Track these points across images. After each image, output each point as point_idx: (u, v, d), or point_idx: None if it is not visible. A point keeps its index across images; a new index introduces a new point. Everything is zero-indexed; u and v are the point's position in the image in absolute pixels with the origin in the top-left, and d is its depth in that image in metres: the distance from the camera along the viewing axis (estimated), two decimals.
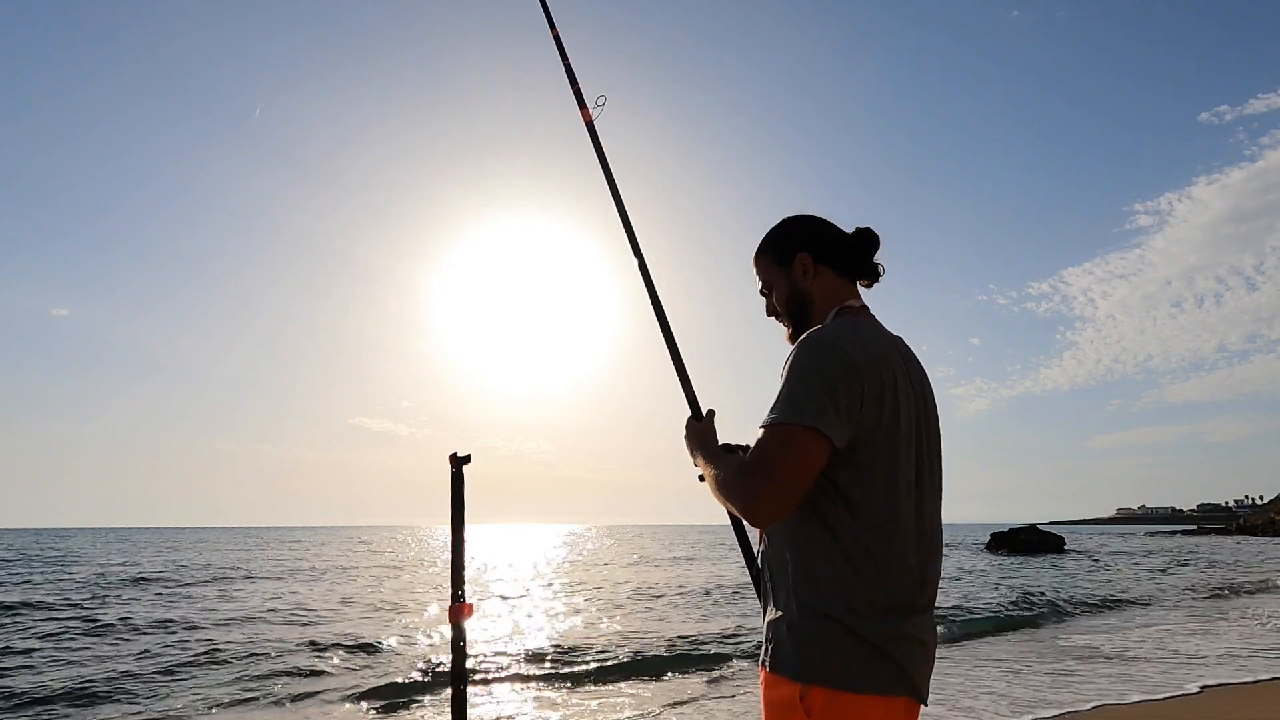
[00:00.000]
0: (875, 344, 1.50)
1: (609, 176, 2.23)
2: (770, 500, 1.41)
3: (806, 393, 1.41)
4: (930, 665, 1.49)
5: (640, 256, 2.15)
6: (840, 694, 1.38)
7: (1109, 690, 6.97)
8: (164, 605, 14.97)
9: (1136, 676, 7.66)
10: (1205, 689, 6.96)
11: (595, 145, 2.27)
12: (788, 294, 1.69)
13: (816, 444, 1.39)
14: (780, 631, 1.47)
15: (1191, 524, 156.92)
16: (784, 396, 1.44)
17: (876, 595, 1.41)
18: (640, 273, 2.14)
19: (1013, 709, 6.30)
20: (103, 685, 7.90)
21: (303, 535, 77.13)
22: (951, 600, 14.56)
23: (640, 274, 2.13)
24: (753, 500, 1.42)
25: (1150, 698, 6.68)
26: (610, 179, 2.23)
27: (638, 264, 2.15)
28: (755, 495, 1.41)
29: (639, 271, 2.14)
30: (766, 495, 1.40)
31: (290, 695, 7.57)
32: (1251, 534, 78.26)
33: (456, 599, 2.17)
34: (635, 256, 2.16)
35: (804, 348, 1.47)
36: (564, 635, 11.17)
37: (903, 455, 1.47)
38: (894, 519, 1.45)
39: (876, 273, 1.70)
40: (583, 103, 2.33)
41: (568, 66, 2.41)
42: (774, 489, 1.40)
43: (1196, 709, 6.24)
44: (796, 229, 1.70)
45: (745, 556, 1.84)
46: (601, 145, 2.26)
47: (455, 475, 2.19)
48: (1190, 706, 6.33)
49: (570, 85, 2.38)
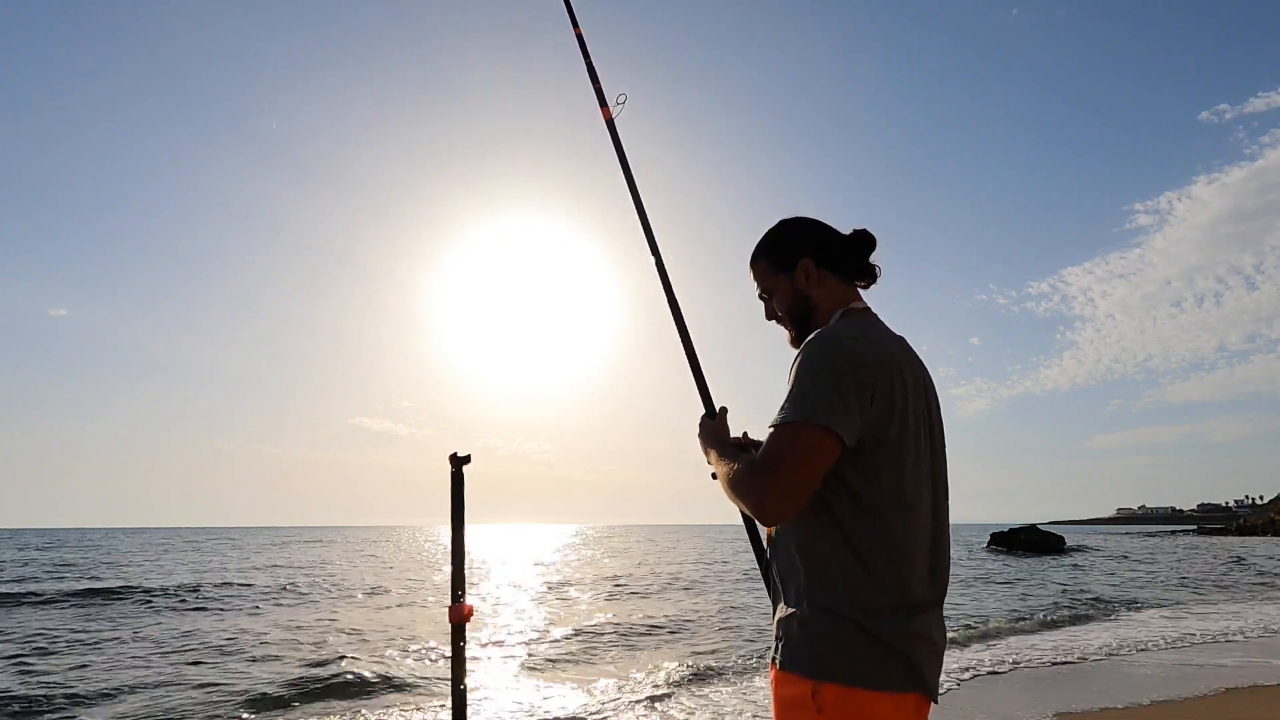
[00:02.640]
0: (882, 343, 1.51)
1: (628, 175, 2.24)
2: (780, 499, 1.41)
3: (816, 391, 1.41)
4: (939, 662, 1.48)
5: (658, 255, 2.15)
6: (852, 690, 1.38)
7: (1118, 691, 6.97)
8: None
9: (1150, 677, 7.66)
10: (1228, 690, 6.92)
11: (615, 143, 2.28)
12: (790, 300, 1.67)
13: (827, 442, 1.39)
14: (791, 629, 1.46)
15: (1192, 524, 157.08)
16: (794, 395, 1.43)
17: (886, 593, 1.42)
18: (658, 272, 2.14)
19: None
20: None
21: (299, 536, 77.18)
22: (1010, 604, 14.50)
23: (658, 273, 2.13)
24: (763, 499, 1.42)
25: (1165, 698, 6.67)
26: (630, 177, 2.24)
27: (655, 263, 2.15)
28: (766, 494, 1.41)
29: (656, 271, 2.14)
30: (776, 494, 1.40)
31: (290, 695, 7.56)
32: (1251, 534, 78.24)
33: (456, 599, 2.16)
34: (653, 255, 2.16)
35: (812, 347, 1.47)
36: (564, 635, 11.16)
37: (911, 453, 1.47)
38: (904, 517, 1.45)
39: (874, 274, 1.70)
40: (604, 101, 2.33)
41: (590, 65, 2.41)
42: (784, 488, 1.40)
43: (1211, 709, 6.21)
44: (796, 233, 1.69)
45: (756, 554, 1.83)
46: (622, 144, 2.27)
47: (455, 475, 2.19)
48: (1207, 707, 6.30)
49: (592, 83, 2.38)
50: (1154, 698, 6.69)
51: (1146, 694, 6.80)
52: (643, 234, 2.18)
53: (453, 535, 2.19)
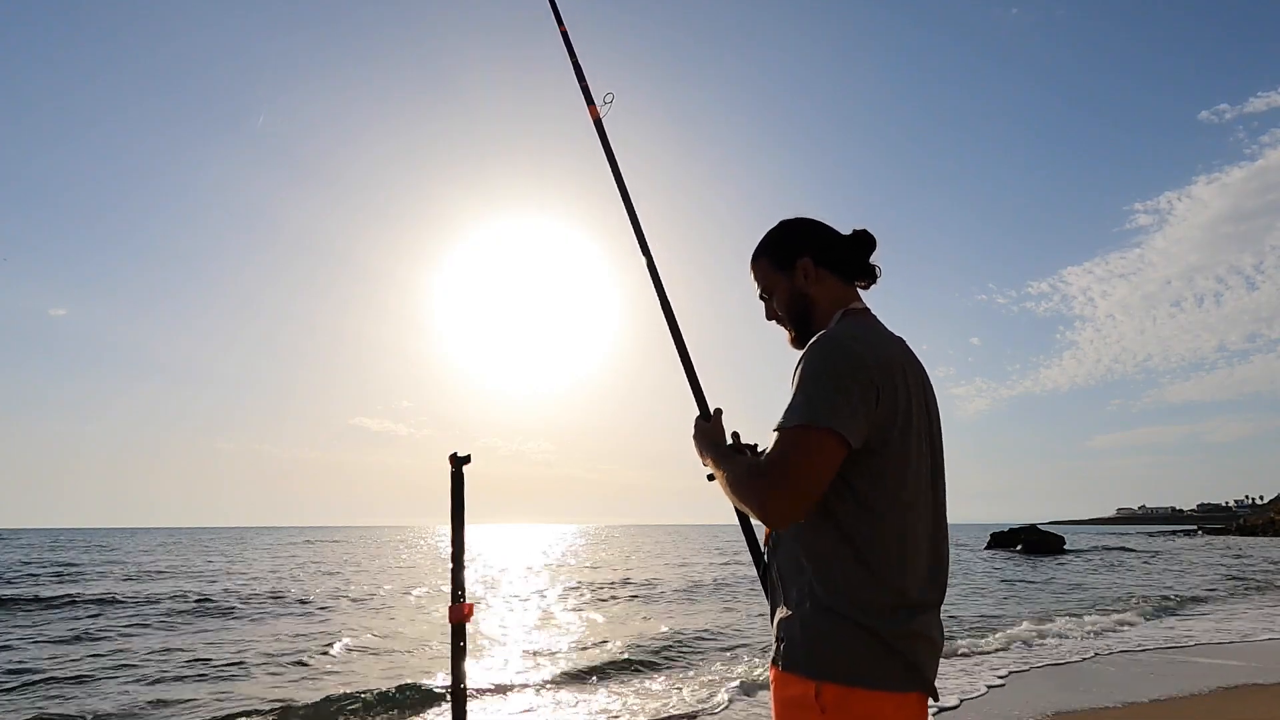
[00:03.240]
0: (883, 344, 1.51)
1: (617, 174, 2.23)
2: (788, 503, 1.41)
3: (821, 394, 1.41)
4: (938, 662, 1.49)
5: (649, 255, 2.14)
6: (854, 690, 1.38)
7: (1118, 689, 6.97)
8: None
9: (1148, 676, 7.66)
10: (1225, 690, 6.93)
11: (603, 142, 2.26)
12: (789, 298, 1.68)
13: (833, 445, 1.39)
14: (793, 630, 1.47)
15: (1192, 524, 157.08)
16: (798, 399, 1.44)
17: (887, 593, 1.42)
18: (649, 272, 2.12)
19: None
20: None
21: (299, 536, 77.24)
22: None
23: (649, 273, 2.12)
24: (771, 503, 1.42)
25: (1163, 696, 6.67)
26: (618, 176, 2.22)
27: (646, 263, 2.13)
28: (773, 498, 1.41)
29: (647, 271, 2.12)
30: (784, 498, 1.40)
31: (289, 695, 7.55)
32: (1251, 534, 78.25)
33: (456, 599, 2.16)
34: (644, 255, 2.14)
35: (815, 350, 1.47)
36: (565, 635, 11.16)
37: (914, 454, 1.48)
38: (905, 518, 1.45)
39: (874, 274, 1.70)
40: (590, 99, 2.33)
41: (575, 63, 2.40)
42: (792, 491, 1.40)
43: (1210, 709, 6.21)
44: (796, 233, 1.69)
45: (753, 555, 1.83)
46: (610, 142, 2.26)
47: (455, 475, 2.19)
48: (1206, 707, 6.30)
49: (579, 82, 2.37)
50: (1152, 696, 6.70)
51: (1144, 694, 6.80)
52: (633, 234, 2.17)
53: (453, 535, 2.19)
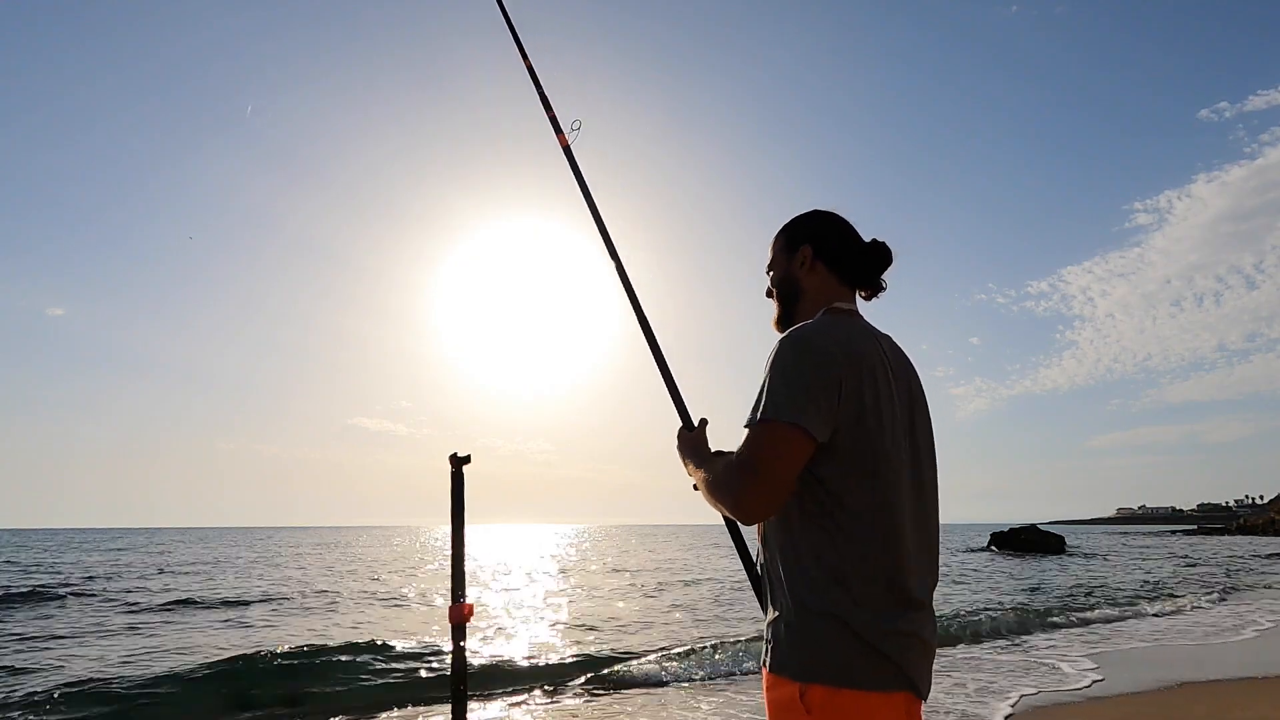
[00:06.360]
0: (855, 340, 1.52)
1: (589, 200, 2.23)
2: (755, 498, 1.43)
3: (786, 389, 1.43)
4: (930, 661, 1.49)
5: (627, 283, 2.13)
6: (840, 691, 1.38)
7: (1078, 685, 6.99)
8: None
9: (1147, 675, 7.67)
10: (1184, 685, 7.01)
11: (574, 170, 2.27)
12: (782, 279, 1.74)
13: (798, 440, 1.41)
14: (779, 631, 1.48)
15: (1191, 524, 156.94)
16: (765, 394, 1.46)
17: (871, 592, 1.42)
18: (627, 297, 2.12)
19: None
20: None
21: (298, 536, 77.16)
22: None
23: (628, 298, 2.12)
24: (740, 498, 1.45)
25: (1123, 692, 6.74)
26: (591, 203, 2.23)
27: (624, 288, 2.12)
28: (742, 493, 1.44)
29: (627, 298, 2.12)
30: (752, 493, 1.43)
31: (289, 697, 7.56)
32: (1251, 534, 78.21)
33: (456, 599, 2.17)
34: (619, 278, 2.14)
35: (784, 345, 1.50)
36: (564, 635, 11.16)
37: (891, 451, 1.48)
38: (886, 516, 1.45)
39: (879, 286, 1.71)
40: (559, 129, 2.34)
41: (543, 96, 2.41)
42: (759, 486, 1.42)
43: (1209, 709, 6.23)
44: (811, 221, 1.74)
45: (742, 558, 1.85)
46: (580, 170, 2.27)
47: (455, 475, 2.19)
48: (1206, 706, 6.31)
49: (546, 113, 2.38)
50: (1149, 690, 6.72)
51: (1141, 690, 6.81)
52: (610, 259, 2.17)
53: (453, 535, 2.20)
